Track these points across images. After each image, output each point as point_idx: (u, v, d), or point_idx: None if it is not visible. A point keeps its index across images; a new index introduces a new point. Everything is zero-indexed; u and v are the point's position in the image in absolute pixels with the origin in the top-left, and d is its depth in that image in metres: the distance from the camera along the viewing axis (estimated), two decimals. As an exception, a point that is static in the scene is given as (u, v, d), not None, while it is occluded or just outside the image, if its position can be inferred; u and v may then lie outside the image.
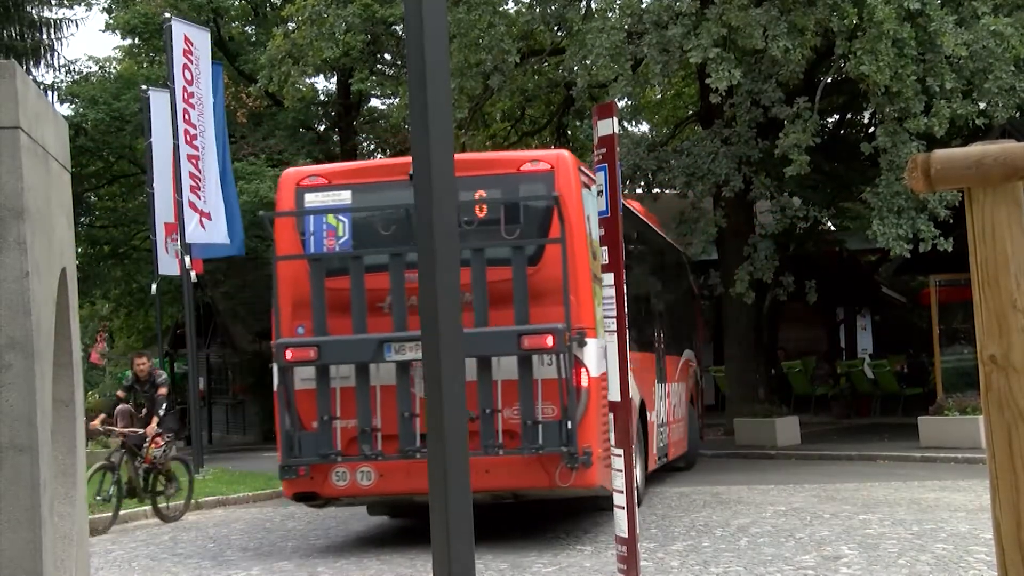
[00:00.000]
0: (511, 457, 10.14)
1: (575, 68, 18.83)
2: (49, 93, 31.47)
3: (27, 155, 4.96)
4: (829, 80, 19.25)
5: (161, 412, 13.94)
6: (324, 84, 37.65)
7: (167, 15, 22.03)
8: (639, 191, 21.63)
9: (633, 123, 30.38)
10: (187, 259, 19.86)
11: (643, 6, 17.92)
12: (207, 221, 19.95)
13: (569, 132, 28.23)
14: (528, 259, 10.35)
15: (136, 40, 34.93)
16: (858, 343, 31.58)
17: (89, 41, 69.18)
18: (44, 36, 31.04)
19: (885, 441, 19.11)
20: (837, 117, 24.28)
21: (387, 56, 32.18)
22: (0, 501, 4.73)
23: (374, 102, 37.07)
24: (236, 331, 36.58)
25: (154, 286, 23.90)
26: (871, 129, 22.44)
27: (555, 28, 21.66)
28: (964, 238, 2.50)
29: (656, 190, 22.12)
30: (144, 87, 23.94)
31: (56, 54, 31.57)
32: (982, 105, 16.66)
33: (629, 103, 25.11)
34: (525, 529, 11.54)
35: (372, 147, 39.15)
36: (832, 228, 24.50)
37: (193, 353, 21.10)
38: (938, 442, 17.20)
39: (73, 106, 32.17)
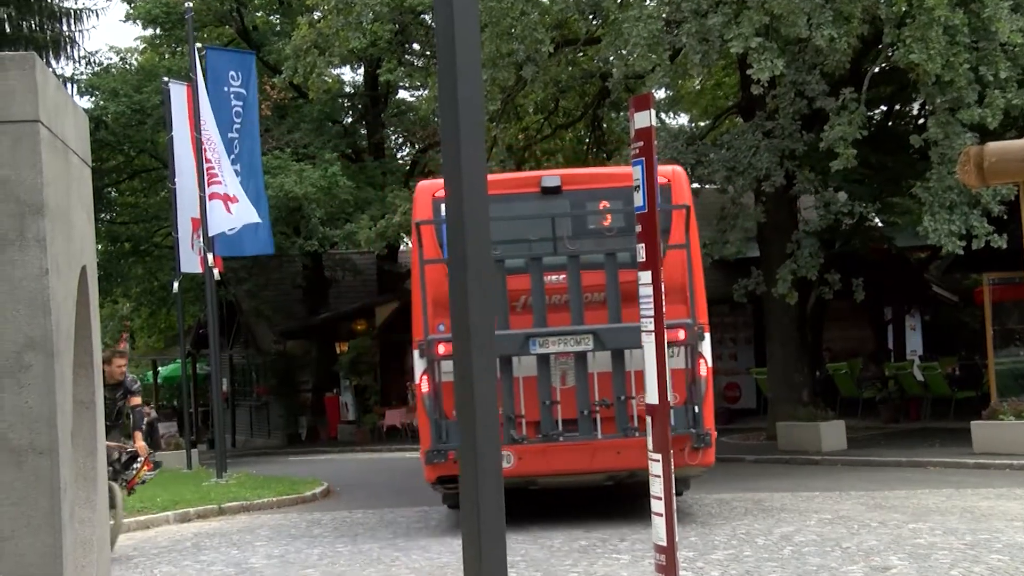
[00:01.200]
0: (643, 439, 11.19)
1: (611, 58, 18.79)
2: (69, 85, 31.71)
3: (47, 149, 5.00)
4: (876, 70, 19.11)
5: (143, 426, 12.68)
6: (351, 75, 37.82)
7: (188, 3, 22.16)
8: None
9: (671, 115, 30.29)
10: (210, 256, 19.97)
11: (682, -7, 17.86)
12: (233, 204, 20.04)
13: (604, 125, 28.17)
14: None
15: (157, 30, 35.16)
16: (907, 344, 31.34)
17: (110, 32, 69.73)
18: (64, 27, 31.25)
19: (936, 447, 18.97)
20: (885, 108, 24.10)
21: (416, 46, 32.24)
22: (19, 505, 4.77)
23: (402, 94, 37.16)
24: (260, 331, 36.76)
25: (176, 284, 24.05)
26: (921, 121, 22.27)
27: (590, 16, 21.61)
28: (1019, 234, 2.48)
29: (695, 185, 22.03)
30: (165, 79, 24.11)
31: (76, 45, 31.78)
32: (1038, 95, 16.50)
33: (667, 94, 25.04)
34: (559, 536, 11.55)
35: (400, 140, 39.23)
36: (879, 224, 24.33)
37: (216, 353, 21.22)
38: (992, 448, 17.07)
39: (93, 99, 32.43)
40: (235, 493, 17.19)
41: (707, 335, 12.12)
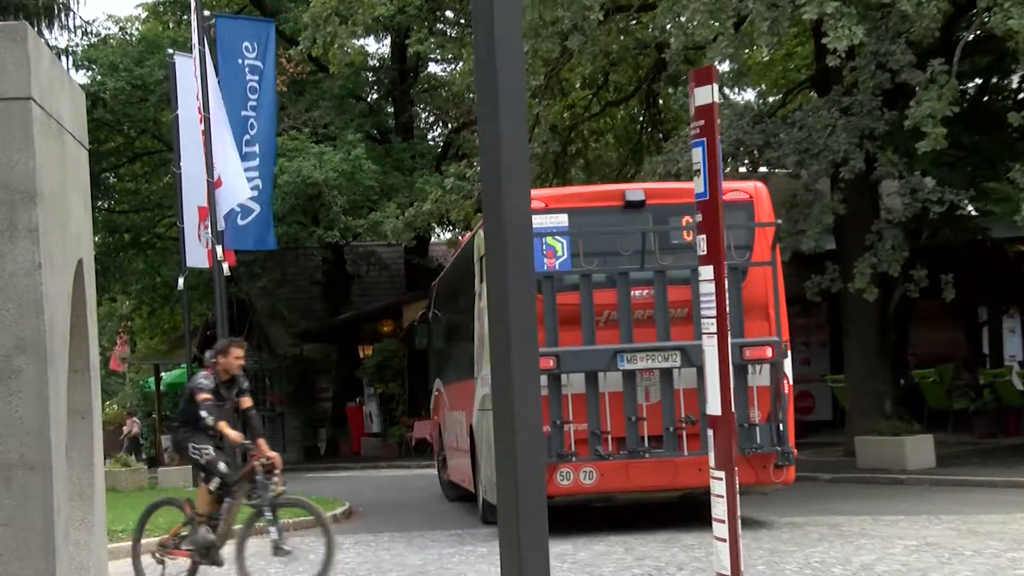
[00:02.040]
0: None
1: (668, 26, 18.71)
2: (63, 58, 31.97)
3: (40, 130, 5.03)
4: (970, 38, 18.95)
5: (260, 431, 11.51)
6: (376, 47, 37.90)
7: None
8: (743, 170, 21.47)
9: (736, 90, 30.17)
10: (219, 249, 20.06)
11: (748, -48, 17.78)
12: (216, 189, 20.04)
13: (660, 101, 28.12)
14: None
15: (161, -3, 35.42)
16: (1005, 348, 31.07)
17: (108, -1, 70.14)
18: (58, -8, 31.47)
19: (1037, 465, 18.82)
20: (979, 82, 23.89)
21: (449, 13, 32.31)
22: (9, 526, 4.81)
23: (433, 68, 37.23)
24: (275, 332, 36.97)
25: (181, 280, 24.21)
26: (1020, 96, 22.04)
27: (645, -21, 21.56)
28: None
29: (763, 169, 21.95)
30: (170, 51, 24.26)
31: (71, 13, 32.02)
32: None
33: (731, 67, 24.92)
34: (609, 564, 11.54)
35: (431, 119, 39.29)
36: (973, 213, 24.10)
37: (226, 358, 21.30)
38: (1100, 467, 16.90)
39: (90, 73, 32.70)
40: (246, 513, 17.26)
41: (789, 352, 13.63)
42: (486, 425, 14.50)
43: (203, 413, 10.87)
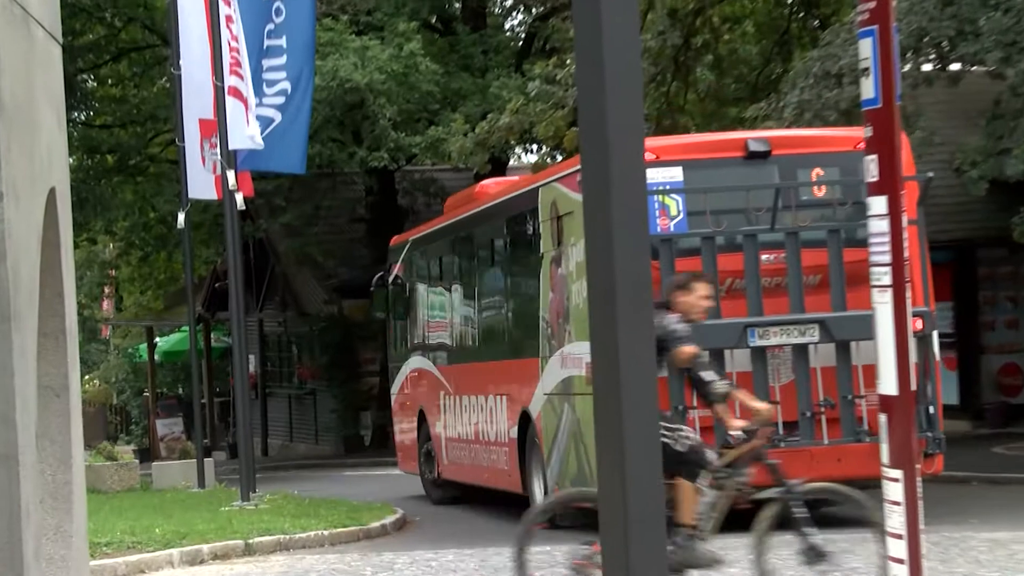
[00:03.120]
0: (870, 444, 13.40)
1: None
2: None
3: (1, 18, 5.07)
4: None
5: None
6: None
7: None
8: (927, 67, 21.23)
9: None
10: (230, 175, 20.10)
11: None
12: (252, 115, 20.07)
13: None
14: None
15: None
16: None
17: None
18: None
19: None
20: None
21: None
22: (-36, 535, 4.89)
23: (513, -68, 37.06)
24: (304, 285, 37.14)
25: (181, 216, 24.36)
26: None
27: None
28: None
29: (955, 67, 21.70)
30: (165, -86, 24.34)
31: None
32: None
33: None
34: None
35: (509, 3, 39.14)
36: None
37: (240, 319, 21.48)
38: None
39: (61, -56, 32.90)
40: (268, 523, 17.44)
41: (936, 324, 15.10)
42: (569, 413, 15.35)
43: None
